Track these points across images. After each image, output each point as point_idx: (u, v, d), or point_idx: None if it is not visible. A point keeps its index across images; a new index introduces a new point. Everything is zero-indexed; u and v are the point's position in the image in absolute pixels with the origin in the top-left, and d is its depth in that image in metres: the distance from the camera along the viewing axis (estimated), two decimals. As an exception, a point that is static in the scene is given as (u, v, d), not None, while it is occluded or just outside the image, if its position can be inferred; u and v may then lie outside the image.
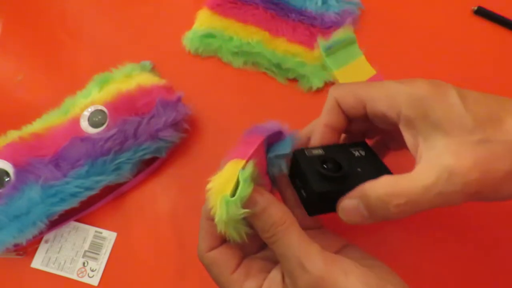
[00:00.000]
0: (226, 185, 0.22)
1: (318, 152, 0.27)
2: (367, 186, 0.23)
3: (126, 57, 0.42)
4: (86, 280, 0.35)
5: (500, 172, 0.21)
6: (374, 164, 0.27)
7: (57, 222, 0.35)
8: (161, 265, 0.36)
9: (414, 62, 0.44)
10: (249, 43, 0.44)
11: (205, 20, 0.46)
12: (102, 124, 0.36)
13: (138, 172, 0.38)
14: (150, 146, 0.37)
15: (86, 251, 0.36)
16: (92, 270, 0.35)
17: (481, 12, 0.47)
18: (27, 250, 0.36)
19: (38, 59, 0.46)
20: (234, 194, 0.22)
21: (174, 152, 0.39)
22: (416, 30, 0.46)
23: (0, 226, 0.33)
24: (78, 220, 0.37)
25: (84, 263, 0.36)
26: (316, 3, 0.47)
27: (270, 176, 0.27)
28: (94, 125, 0.37)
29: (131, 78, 0.40)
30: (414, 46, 0.46)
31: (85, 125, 0.37)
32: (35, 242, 0.36)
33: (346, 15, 0.46)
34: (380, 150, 0.31)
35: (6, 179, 0.35)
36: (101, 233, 0.37)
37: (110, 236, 0.37)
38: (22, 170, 0.35)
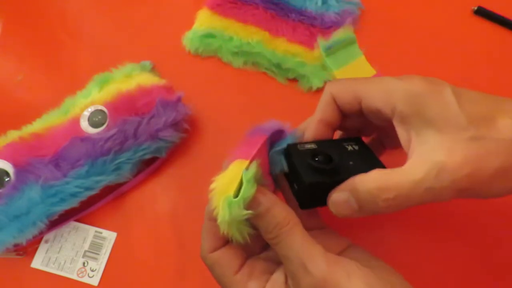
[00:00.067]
0: (229, 185, 0.22)
1: (311, 146, 0.27)
2: (358, 180, 0.23)
3: (126, 57, 0.42)
4: (86, 280, 0.35)
5: (490, 169, 0.21)
6: (367, 158, 0.27)
7: (57, 222, 0.35)
8: (161, 265, 0.36)
9: (414, 62, 0.44)
10: (249, 43, 0.44)
11: (205, 20, 0.46)
12: (102, 124, 0.36)
13: (138, 172, 0.38)
14: (150, 146, 0.37)
15: (86, 251, 0.36)
16: (92, 270, 0.35)
17: (481, 12, 0.47)
18: (27, 250, 0.36)
19: (38, 59, 0.46)
20: (237, 194, 0.22)
21: (174, 152, 0.39)
22: (416, 30, 0.46)
23: (0, 226, 0.33)
24: (78, 220, 0.37)
25: (84, 263, 0.36)
26: (316, 3, 0.47)
27: (273, 176, 0.27)
28: (94, 125, 0.37)
29: (131, 78, 0.40)
30: (414, 46, 0.46)
31: (85, 125, 0.37)
32: (35, 242, 0.36)
33: (346, 15, 0.46)
34: (375, 148, 0.31)
35: (6, 179, 0.35)
36: (101, 233, 0.37)
37: (110, 236, 0.37)
38: (22, 170, 0.35)
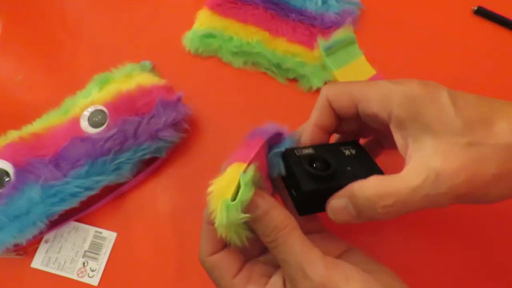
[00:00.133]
0: (227, 188, 0.22)
1: (308, 151, 0.26)
2: (356, 186, 0.23)
3: (126, 57, 0.42)
4: (86, 280, 0.35)
5: (487, 175, 0.21)
6: (365, 162, 0.27)
7: (57, 222, 0.35)
8: (161, 265, 0.36)
9: (414, 62, 0.44)
10: (249, 43, 0.44)
11: (205, 20, 0.46)
12: (102, 124, 0.36)
13: (138, 172, 0.38)
14: (150, 146, 0.37)
15: (86, 251, 0.36)
16: (92, 270, 0.35)
17: (481, 12, 0.47)
18: (27, 250, 0.36)
19: (38, 59, 0.46)
20: (235, 198, 0.22)
21: (174, 152, 0.39)
22: (416, 30, 0.46)
23: (0, 226, 0.33)
24: (78, 220, 0.37)
25: (84, 263, 0.36)
26: (316, 3, 0.47)
27: (272, 179, 0.27)
28: (94, 125, 0.37)
29: (131, 78, 0.40)
30: (414, 46, 0.46)
31: (85, 125, 0.37)
32: (35, 242, 0.36)
33: (346, 15, 0.46)
34: (373, 149, 0.31)
35: (6, 179, 0.35)
36: (101, 233, 0.37)
37: (110, 236, 0.37)
38: (22, 170, 0.35)
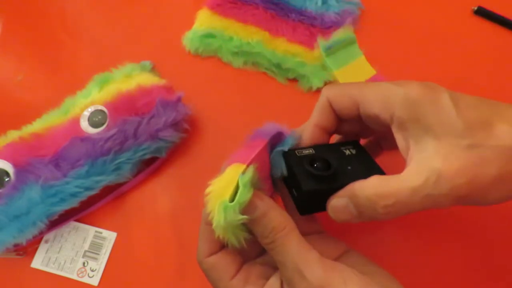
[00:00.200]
0: (226, 189, 0.22)
1: (309, 151, 0.27)
2: (357, 186, 0.24)
3: (126, 57, 0.42)
4: (86, 280, 0.35)
5: (488, 177, 0.21)
6: (365, 162, 0.27)
7: (57, 222, 0.35)
8: (161, 265, 0.36)
9: (414, 62, 0.44)
10: (249, 43, 0.44)
11: (205, 20, 0.46)
12: (102, 124, 0.36)
13: (138, 172, 0.38)
14: (150, 146, 0.37)
15: (86, 251, 0.36)
16: (92, 270, 0.35)
17: (481, 12, 0.47)
18: (27, 250, 0.36)
19: (38, 59, 0.46)
20: (233, 199, 0.22)
21: (174, 152, 0.39)
22: (416, 30, 0.46)
23: (0, 226, 0.33)
24: (78, 220, 0.37)
25: (84, 263, 0.36)
26: (316, 3, 0.47)
27: (273, 179, 0.27)
28: (94, 125, 0.37)
29: (131, 78, 0.40)
30: (414, 46, 0.46)
31: (85, 125, 0.37)
32: (35, 242, 0.36)
33: (346, 15, 0.46)
34: (373, 150, 0.31)
35: (6, 179, 0.35)
36: (101, 233, 0.37)
37: (110, 236, 0.37)
38: (22, 170, 0.35)
